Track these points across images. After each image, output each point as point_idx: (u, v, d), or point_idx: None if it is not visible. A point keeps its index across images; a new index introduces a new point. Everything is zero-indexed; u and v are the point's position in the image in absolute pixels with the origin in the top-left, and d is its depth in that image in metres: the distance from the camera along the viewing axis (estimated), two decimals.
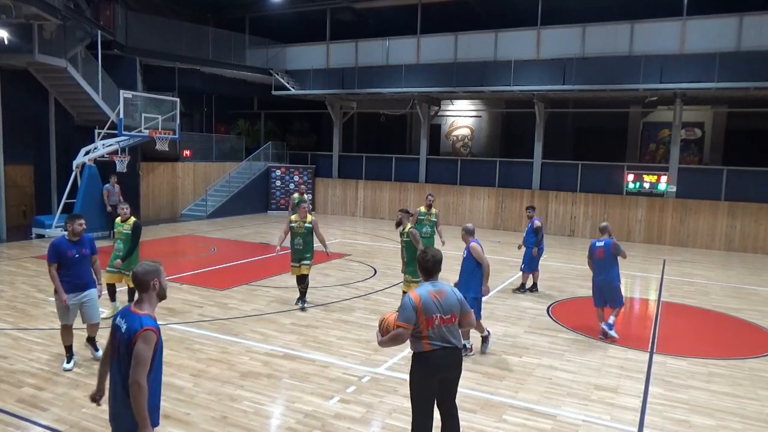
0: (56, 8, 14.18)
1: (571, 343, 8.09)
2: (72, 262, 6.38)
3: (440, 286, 4.45)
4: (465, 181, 21.61)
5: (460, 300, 4.46)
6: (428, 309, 4.27)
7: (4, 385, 6.07)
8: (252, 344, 7.61)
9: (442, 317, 4.31)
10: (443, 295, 4.37)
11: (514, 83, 18.97)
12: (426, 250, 4.62)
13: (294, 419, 5.54)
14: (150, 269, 3.64)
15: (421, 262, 4.53)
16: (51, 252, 6.34)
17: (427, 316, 4.28)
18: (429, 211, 11.17)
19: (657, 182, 18.51)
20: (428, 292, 4.36)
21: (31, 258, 12.89)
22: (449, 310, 4.35)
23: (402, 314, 4.33)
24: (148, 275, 3.61)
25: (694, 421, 5.81)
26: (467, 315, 4.50)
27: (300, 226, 9.34)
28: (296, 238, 9.32)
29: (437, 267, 4.50)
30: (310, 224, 9.37)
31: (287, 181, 23.78)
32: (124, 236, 8.49)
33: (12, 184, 16.84)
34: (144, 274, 3.61)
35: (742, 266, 15.10)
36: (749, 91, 16.82)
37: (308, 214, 9.48)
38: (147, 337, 3.44)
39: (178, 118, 16.92)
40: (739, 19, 16.67)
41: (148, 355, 3.44)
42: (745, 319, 9.87)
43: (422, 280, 4.56)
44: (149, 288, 3.62)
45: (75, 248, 6.41)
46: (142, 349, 3.42)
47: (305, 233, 9.33)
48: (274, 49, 23.59)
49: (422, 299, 4.30)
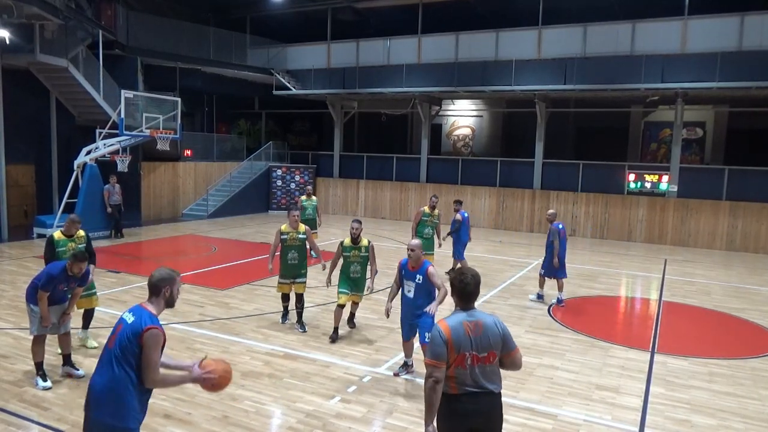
0: (57, 8, 14.19)
1: (572, 343, 8.09)
2: (59, 293, 6.19)
3: (478, 316, 3.60)
4: (466, 180, 21.60)
5: (504, 334, 3.61)
6: (460, 344, 3.49)
7: (5, 385, 6.08)
8: (253, 344, 7.61)
9: (476, 355, 3.52)
10: (480, 329, 3.55)
11: (515, 83, 18.95)
12: (465, 270, 3.71)
13: (295, 419, 5.54)
14: (165, 277, 3.72)
15: (459, 285, 3.62)
16: (46, 281, 6.01)
17: (459, 353, 3.49)
18: (432, 212, 11.31)
19: (658, 182, 18.50)
20: (462, 324, 3.55)
21: (33, 258, 12.90)
22: (486, 347, 3.54)
23: (430, 349, 3.54)
24: (161, 282, 3.70)
25: (696, 420, 5.80)
26: (510, 354, 3.64)
27: (293, 238, 8.21)
28: (290, 252, 8.17)
29: (477, 291, 3.65)
30: (304, 234, 8.29)
31: (288, 181, 23.79)
32: None
33: (13, 184, 16.85)
34: (159, 280, 3.70)
35: (744, 266, 15.09)
36: (750, 91, 16.80)
37: (300, 223, 8.40)
38: (155, 338, 3.52)
39: (179, 117, 16.92)
40: (740, 19, 16.65)
41: (157, 356, 3.55)
42: (746, 318, 9.85)
43: (456, 307, 3.69)
44: (160, 294, 3.71)
45: (67, 282, 6.17)
46: (152, 351, 3.51)
47: (300, 245, 8.23)
48: (275, 49, 23.59)
49: (453, 332, 3.50)
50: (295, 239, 8.20)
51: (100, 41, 16.80)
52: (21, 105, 16.55)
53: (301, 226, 8.33)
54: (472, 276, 3.63)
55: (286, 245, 8.19)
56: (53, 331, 6.22)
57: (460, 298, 3.64)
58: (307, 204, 13.73)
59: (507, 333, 3.66)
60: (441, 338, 3.50)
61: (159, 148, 16.63)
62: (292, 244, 8.19)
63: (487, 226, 20.79)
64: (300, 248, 8.22)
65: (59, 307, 6.25)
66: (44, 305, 6.03)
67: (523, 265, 13.93)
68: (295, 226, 8.23)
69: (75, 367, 6.42)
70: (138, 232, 17.42)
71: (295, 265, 8.20)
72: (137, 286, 10.44)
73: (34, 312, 6.10)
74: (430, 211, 11.29)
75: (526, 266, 13.76)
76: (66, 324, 6.32)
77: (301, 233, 8.26)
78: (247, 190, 22.79)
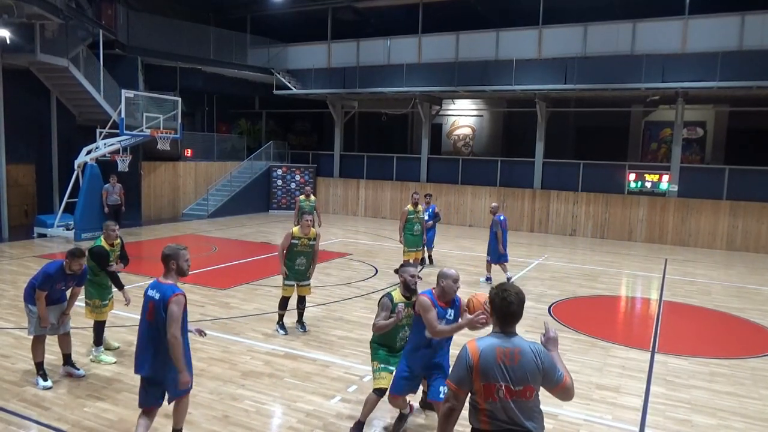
0: (58, 8, 14.19)
1: (572, 343, 8.08)
2: (56, 292, 6.17)
3: (516, 343, 3.08)
4: (466, 180, 21.60)
5: (544, 368, 3.06)
6: (488, 372, 3.01)
7: (6, 385, 6.08)
8: (253, 344, 7.61)
9: (510, 388, 3.00)
10: (516, 358, 3.02)
11: (516, 83, 18.95)
12: (507, 287, 3.17)
13: (295, 418, 5.54)
14: (169, 253, 4.54)
15: (501, 304, 3.10)
16: (44, 280, 5.95)
17: (486, 383, 3.02)
18: (417, 209, 11.66)
19: (659, 181, 18.49)
20: (494, 349, 3.04)
21: (33, 257, 12.91)
22: (522, 380, 3.01)
23: (453, 371, 3.14)
24: (167, 257, 4.54)
25: (696, 420, 5.80)
26: (557, 388, 3.11)
27: (304, 244, 7.86)
28: (298, 257, 7.86)
29: (520, 312, 3.13)
30: (315, 240, 7.98)
31: (288, 181, 23.79)
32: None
33: (14, 184, 16.86)
34: (165, 256, 4.54)
35: (744, 266, 15.08)
36: (751, 90, 16.80)
37: (312, 228, 7.99)
38: (178, 301, 4.39)
39: (179, 117, 16.93)
40: (741, 19, 16.64)
41: (179, 314, 4.38)
42: (747, 318, 9.85)
43: (493, 328, 3.18)
44: (168, 267, 4.53)
45: (65, 281, 6.13)
46: (175, 310, 4.35)
47: (309, 252, 7.93)
48: (276, 49, 23.59)
49: (482, 356, 3.02)
50: (306, 245, 7.88)
51: (101, 41, 16.81)
52: (21, 105, 16.56)
53: (312, 231, 7.93)
54: (515, 294, 3.11)
55: (296, 250, 7.85)
56: (52, 332, 6.20)
57: (499, 319, 3.12)
58: (305, 204, 13.74)
59: (549, 365, 3.09)
60: (466, 361, 3.05)
61: (159, 148, 16.63)
62: (302, 250, 7.88)
63: (487, 225, 20.72)
64: (309, 254, 7.95)
65: (58, 307, 6.23)
66: (42, 305, 5.98)
67: (523, 264, 13.93)
68: (306, 231, 7.85)
69: (75, 367, 6.41)
70: (138, 231, 17.43)
71: (302, 271, 7.98)
72: (137, 286, 10.43)
73: (32, 312, 6.07)
74: (414, 208, 11.65)
75: (527, 266, 13.76)
76: (65, 324, 6.30)
77: (312, 239, 7.93)
78: (247, 189, 22.79)
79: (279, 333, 8.00)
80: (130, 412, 5.52)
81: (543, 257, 15.04)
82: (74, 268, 6.06)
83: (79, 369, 6.41)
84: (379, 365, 5.15)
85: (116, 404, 5.70)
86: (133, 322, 8.37)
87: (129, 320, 8.39)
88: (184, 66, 21.34)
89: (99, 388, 6.05)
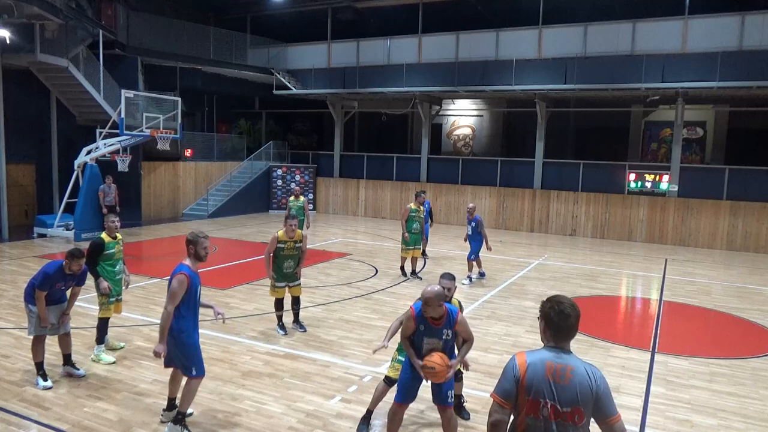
0: (58, 8, 14.19)
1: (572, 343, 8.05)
2: (56, 292, 6.17)
3: (569, 361, 2.85)
4: (466, 180, 21.59)
5: (599, 393, 2.79)
6: (535, 387, 2.81)
7: (6, 385, 6.08)
8: (253, 344, 7.61)
9: (556, 408, 2.78)
10: (567, 377, 2.79)
11: (516, 83, 18.95)
12: (563, 299, 2.95)
13: (295, 418, 5.54)
14: (190, 238, 5.12)
15: (557, 318, 2.89)
16: (43, 281, 5.95)
17: (532, 398, 2.81)
18: (419, 208, 11.91)
19: (659, 181, 18.49)
20: (544, 364, 2.84)
21: (33, 257, 12.91)
22: (572, 401, 2.77)
23: (499, 383, 2.92)
24: (188, 242, 5.13)
25: (696, 420, 5.80)
26: (607, 422, 2.80)
27: (290, 247, 7.85)
28: (285, 261, 7.85)
29: (577, 327, 2.93)
30: (301, 243, 7.97)
31: (288, 181, 23.79)
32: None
33: (14, 184, 16.87)
34: (186, 241, 5.13)
35: (744, 266, 15.08)
36: (751, 90, 16.79)
37: (298, 230, 7.94)
38: (179, 279, 4.89)
39: (179, 117, 16.93)
40: (741, 18, 16.64)
41: (177, 291, 4.89)
42: (747, 318, 9.85)
43: (545, 343, 2.97)
44: (188, 250, 5.11)
45: (65, 281, 6.14)
46: (174, 286, 4.89)
47: (296, 254, 7.94)
48: (276, 49, 23.59)
49: (530, 369, 2.83)
50: (292, 248, 7.86)
51: (101, 41, 16.80)
52: (21, 105, 16.56)
53: (298, 234, 7.91)
54: (571, 306, 2.89)
55: (283, 254, 7.83)
56: (53, 332, 6.20)
57: (554, 333, 2.90)
58: (294, 205, 13.74)
59: (605, 391, 2.80)
60: (513, 373, 2.84)
61: (159, 148, 16.64)
62: (288, 254, 7.86)
63: (487, 225, 20.60)
64: (296, 257, 7.94)
65: (58, 307, 6.23)
66: (42, 305, 5.98)
67: (524, 264, 13.93)
68: (291, 234, 7.82)
69: (75, 366, 6.41)
70: (138, 231, 17.42)
71: (290, 273, 7.98)
72: (137, 286, 10.45)
73: (32, 312, 6.07)
74: (417, 206, 11.91)
75: (527, 266, 13.76)
76: (66, 324, 6.30)
77: (298, 242, 7.91)
78: (247, 189, 22.79)
79: (279, 333, 7.99)
80: (130, 412, 5.52)
81: (543, 257, 15.04)
82: (74, 269, 6.06)
83: (80, 369, 6.40)
84: (398, 356, 5.16)
85: (116, 404, 5.69)
86: (133, 322, 8.37)
87: (129, 320, 8.39)
88: (184, 66, 21.33)
89: (99, 388, 6.05)
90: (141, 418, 5.42)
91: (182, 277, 4.91)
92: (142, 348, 7.32)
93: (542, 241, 18.37)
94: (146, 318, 8.61)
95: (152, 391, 6.02)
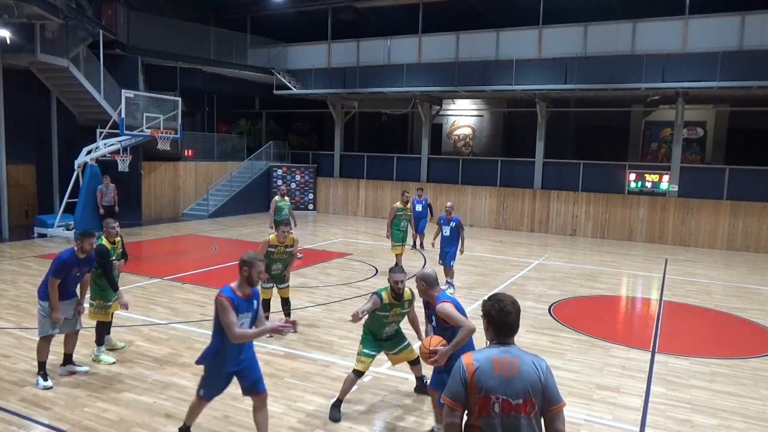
0: (58, 8, 14.19)
1: (572, 343, 8.08)
2: (72, 279, 6.16)
3: (515, 354, 2.95)
4: (466, 180, 21.60)
5: (545, 382, 2.92)
6: (485, 385, 2.86)
7: (6, 384, 6.08)
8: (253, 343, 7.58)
9: (508, 401, 2.85)
10: (515, 369, 2.88)
11: (516, 83, 18.95)
12: (503, 297, 3.07)
13: (296, 418, 5.54)
14: (246, 259, 4.59)
15: (498, 315, 3.00)
16: (59, 267, 5.98)
17: (483, 395, 2.86)
18: (406, 206, 12.23)
19: (659, 181, 18.48)
20: (491, 361, 2.91)
21: (34, 257, 12.91)
22: (522, 393, 2.86)
23: (447, 386, 2.99)
24: (243, 263, 4.59)
25: (696, 420, 5.80)
26: (554, 410, 2.95)
27: (281, 251, 7.83)
28: (274, 264, 7.80)
29: (518, 323, 3.04)
30: (292, 248, 7.94)
31: (289, 181, 23.80)
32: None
33: (14, 184, 16.87)
34: (241, 261, 4.60)
35: (745, 265, 15.08)
36: (751, 90, 16.79)
37: (290, 234, 7.89)
38: (220, 304, 4.42)
39: (179, 117, 16.93)
40: (741, 18, 16.63)
41: (227, 317, 4.39)
42: (747, 318, 9.85)
43: (490, 341, 3.07)
44: (240, 272, 4.58)
45: (79, 266, 6.15)
46: (220, 316, 4.42)
47: (286, 258, 7.93)
48: (276, 49, 23.59)
49: (478, 369, 2.88)
50: (282, 252, 7.85)
51: (101, 41, 16.81)
52: (22, 105, 16.57)
53: (289, 238, 7.85)
54: (512, 303, 3.01)
55: (273, 258, 7.77)
56: (65, 329, 6.19)
57: (496, 331, 3.00)
58: (282, 204, 13.68)
59: (550, 380, 2.94)
60: (461, 375, 2.90)
61: (159, 148, 16.64)
62: (278, 258, 7.84)
63: (488, 225, 20.79)
64: (285, 260, 7.93)
65: (70, 303, 6.23)
66: (54, 294, 5.96)
67: (524, 264, 13.93)
68: (283, 239, 7.78)
69: (77, 364, 6.43)
70: (138, 231, 17.42)
71: (278, 275, 7.96)
72: (137, 286, 10.45)
73: (43, 309, 6.02)
74: (403, 205, 12.19)
75: (527, 266, 13.76)
76: (78, 320, 6.32)
77: (289, 247, 7.88)
78: (247, 189, 22.80)
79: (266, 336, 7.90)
80: (130, 412, 5.52)
81: (543, 257, 15.04)
82: (86, 248, 6.11)
83: (82, 365, 6.44)
84: (363, 350, 5.64)
85: (116, 404, 5.69)
86: (133, 322, 8.37)
87: (129, 320, 8.39)
88: (184, 66, 21.33)
89: (99, 388, 6.05)
90: (141, 418, 5.42)
91: (220, 300, 4.43)
92: (142, 348, 7.32)
93: (542, 241, 18.37)
94: (146, 318, 8.61)
95: (152, 391, 6.02)
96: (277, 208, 13.51)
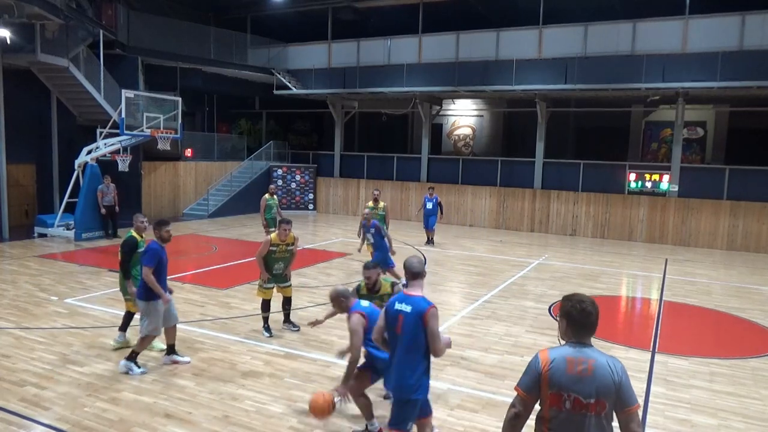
0: (58, 8, 14.19)
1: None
2: (163, 266, 6.40)
3: (590, 354, 2.95)
4: (466, 180, 21.60)
5: (619, 384, 2.91)
6: (558, 382, 2.89)
7: (6, 385, 6.08)
8: (253, 343, 7.61)
9: (579, 400, 2.86)
10: (590, 369, 2.89)
11: (516, 83, 18.95)
12: (583, 297, 3.07)
13: (296, 418, 5.54)
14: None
15: (579, 315, 3.00)
16: (151, 256, 6.21)
17: (554, 392, 2.90)
18: (376, 205, 12.31)
19: (659, 181, 18.48)
20: (565, 359, 2.93)
21: (34, 257, 12.91)
22: (594, 393, 2.87)
23: (522, 377, 3.04)
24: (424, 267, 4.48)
25: (696, 420, 5.80)
26: (626, 411, 2.96)
27: (283, 250, 7.84)
28: (276, 263, 7.81)
29: (597, 324, 3.03)
30: (293, 246, 7.98)
31: (289, 181, 23.80)
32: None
33: (14, 184, 16.87)
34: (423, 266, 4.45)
35: (745, 266, 15.08)
36: (751, 90, 16.78)
37: (290, 232, 7.90)
38: (436, 314, 4.15)
39: (179, 117, 16.94)
40: (741, 18, 16.63)
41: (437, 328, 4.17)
42: (747, 318, 9.85)
43: (563, 339, 3.09)
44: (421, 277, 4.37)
45: (165, 253, 6.45)
46: (436, 324, 4.13)
47: (288, 257, 7.95)
48: (276, 49, 23.59)
49: (553, 365, 2.91)
50: (284, 251, 7.86)
51: (101, 41, 16.81)
52: (22, 105, 16.56)
53: (290, 237, 7.89)
54: (592, 303, 2.99)
55: (274, 257, 7.80)
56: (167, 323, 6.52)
57: (576, 330, 2.99)
58: (272, 203, 14.00)
59: (625, 382, 2.93)
60: (535, 368, 2.96)
61: (160, 148, 16.64)
62: (280, 257, 7.85)
63: (488, 225, 20.79)
64: (287, 259, 7.94)
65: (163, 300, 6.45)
66: (152, 278, 6.20)
67: (524, 264, 13.93)
68: (284, 238, 7.81)
69: (180, 354, 6.75)
70: None
71: (279, 274, 7.95)
72: None
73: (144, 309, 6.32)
74: (374, 204, 12.30)
75: (527, 266, 13.76)
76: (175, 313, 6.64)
77: (290, 245, 7.92)
78: (247, 189, 22.78)
79: (264, 335, 7.88)
80: (130, 412, 5.53)
81: (543, 257, 15.04)
82: (164, 236, 6.41)
83: (184, 356, 6.74)
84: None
85: (116, 404, 5.70)
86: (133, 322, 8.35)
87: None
88: (184, 66, 21.33)
89: (99, 388, 6.05)
90: (141, 418, 5.42)
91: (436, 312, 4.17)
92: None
93: (542, 241, 18.37)
94: None
95: (152, 391, 6.02)
96: (267, 207, 13.86)
